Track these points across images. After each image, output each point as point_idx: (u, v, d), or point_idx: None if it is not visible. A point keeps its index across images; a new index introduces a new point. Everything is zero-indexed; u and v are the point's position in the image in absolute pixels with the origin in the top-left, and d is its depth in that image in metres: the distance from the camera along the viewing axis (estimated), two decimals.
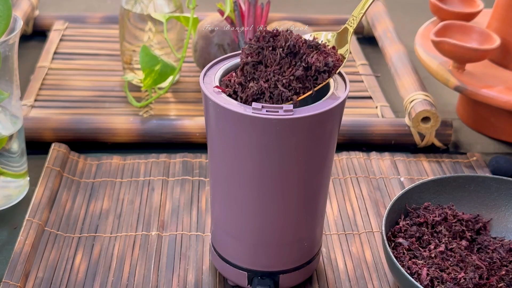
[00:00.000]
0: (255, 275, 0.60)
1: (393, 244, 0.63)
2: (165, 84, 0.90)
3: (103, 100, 0.90)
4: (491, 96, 0.79)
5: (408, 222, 0.65)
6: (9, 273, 0.62)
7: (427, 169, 0.79)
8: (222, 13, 0.82)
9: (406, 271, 0.59)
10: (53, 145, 0.78)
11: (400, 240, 0.63)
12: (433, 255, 0.61)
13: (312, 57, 0.54)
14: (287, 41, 0.54)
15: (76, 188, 0.74)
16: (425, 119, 0.81)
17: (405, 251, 0.62)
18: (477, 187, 0.68)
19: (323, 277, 0.64)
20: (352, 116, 0.86)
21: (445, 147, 0.84)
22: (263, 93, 0.54)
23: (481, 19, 0.91)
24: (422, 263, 0.60)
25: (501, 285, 0.58)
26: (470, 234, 0.64)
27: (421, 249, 0.62)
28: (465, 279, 0.58)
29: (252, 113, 0.52)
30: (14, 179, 0.72)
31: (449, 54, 0.81)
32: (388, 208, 0.63)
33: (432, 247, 0.62)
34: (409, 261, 0.60)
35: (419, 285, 0.55)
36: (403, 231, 0.64)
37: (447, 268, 0.60)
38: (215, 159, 0.57)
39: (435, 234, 0.64)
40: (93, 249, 0.66)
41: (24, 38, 1.05)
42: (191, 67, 0.96)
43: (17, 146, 0.71)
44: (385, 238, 0.60)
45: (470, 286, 0.58)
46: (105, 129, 0.81)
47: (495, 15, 0.86)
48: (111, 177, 0.76)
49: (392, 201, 0.64)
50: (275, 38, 0.55)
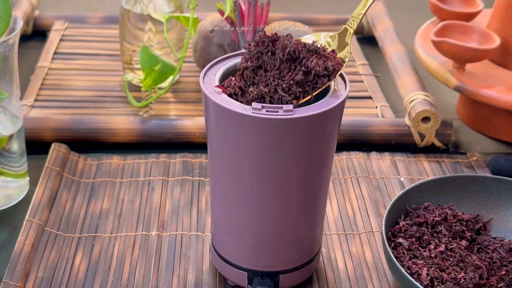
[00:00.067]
0: (255, 275, 0.60)
1: (393, 244, 0.63)
2: (165, 84, 0.90)
3: (103, 100, 0.90)
4: (491, 96, 0.79)
5: (408, 222, 0.65)
6: (9, 273, 0.62)
7: (427, 169, 0.79)
8: (222, 13, 0.82)
9: (406, 271, 0.59)
10: (53, 145, 0.78)
11: (400, 240, 0.63)
12: (433, 255, 0.61)
13: (311, 61, 0.54)
14: (286, 47, 0.54)
15: (76, 188, 0.74)
16: (425, 119, 0.81)
17: (405, 251, 0.62)
18: (477, 187, 0.68)
19: (323, 277, 0.64)
20: (352, 116, 0.86)
21: (445, 147, 0.84)
22: (263, 98, 0.54)
23: (481, 19, 0.91)
24: (422, 263, 0.60)
25: (501, 285, 0.58)
26: (470, 234, 0.64)
27: (421, 249, 0.62)
28: (465, 279, 0.58)
29: (252, 113, 0.52)
30: (14, 179, 0.72)
31: (449, 54, 0.81)
32: (388, 208, 0.63)
33: (432, 247, 0.62)
34: (409, 261, 0.60)
35: (419, 285, 0.55)
36: (403, 231, 0.64)
37: (447, 268, 0.60)
38: (215, 159, 0.57)
39: (435, 234, 0.64)
40: (93, 249, 0.66)
41: (24, 38, 1.05)
42: (191, 67, 0.96)
43: (17, 146, 0.71)
44: (385, 238, 0.60)
45: (470, 286, 0.58)
46: (105, 129, 0.81)
47: (495, 15, 0.86)
48: (111, 177, 0.76)
49: (392, 201, 0.64)
50: (274, 43, 0.55)
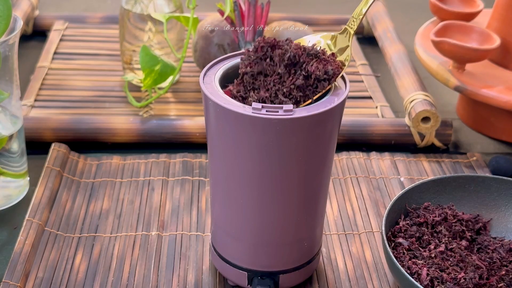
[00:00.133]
0: (255, 275, 0.60)
1: (393, 244, 0.63)
2: (165, 84, 0.90)
3: (103, 100, 0.90)
4: (491, 96, 0.79)
5: (408, 222, 0.65)
6: (9, 273, 0.62)
7: (427, 169, 0.79)
8: (222, 13, 0.82)
9: (406, 271, 0.59)
10: (53, 145, 0.78)
11: (400, 240, 0.63)
12: (433, 255, 0.61)
13: (311, 65, 0.54)
14: (286, 53, 0.54)
15: (76, 188, 0.74)
16: (425, 119, 0.81)
17: (405, 251, 0.62)
18: (477, 187, 0.68)
19: (323, 277, 0.64)
20: (352, 116, 0.86)
21: (445, 147, 0.84)
22: (263, 103, 0.54)
23: (481, 19, 0.91)
24: (422, 263, 0.60)
25: (501, 285, 0.58)
26: (470, 234, 0.64)
27: (421, 249, 0.62)
28: (465, 279, 0.58)
29: (252, 113, 0.52)
30: (14, 179, 0.72)
31: (449, 54, 0.81)
32: (388, 208, 0.63)
33: (432, 247, 0.62)
34: (409, 261, 0.60)
35: (419, 285, 0.55)
36: (403, 231, 0.64)
37: (447, 268, 0.60)
38: (215, 159, 0.57)
39: (435, 234, 0.64)
40: (93, 249, 0.66)
41: (24, 38, 1.05)
42: (191, 67, 0.96)
43: (17, 146, 0.71)
44: (385, 238, 0.60)
45: (470, 286, 0.58)
46: (105, 129, 0.81)
47: (495, 15, 0.86)
48: (111, 177, 0.76)
49: (392, 201, 0.64)
50: (273, 48, 0.55)
